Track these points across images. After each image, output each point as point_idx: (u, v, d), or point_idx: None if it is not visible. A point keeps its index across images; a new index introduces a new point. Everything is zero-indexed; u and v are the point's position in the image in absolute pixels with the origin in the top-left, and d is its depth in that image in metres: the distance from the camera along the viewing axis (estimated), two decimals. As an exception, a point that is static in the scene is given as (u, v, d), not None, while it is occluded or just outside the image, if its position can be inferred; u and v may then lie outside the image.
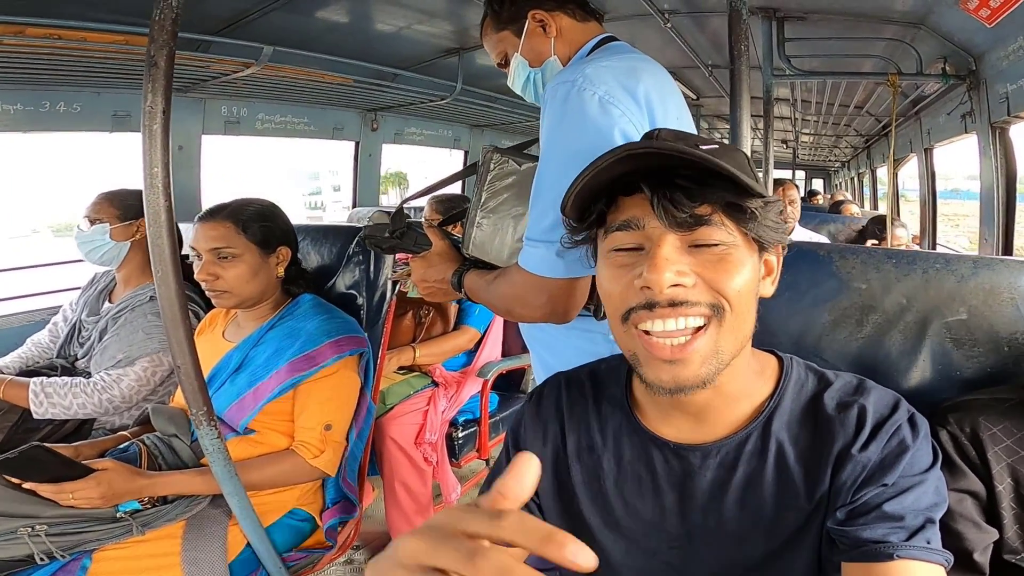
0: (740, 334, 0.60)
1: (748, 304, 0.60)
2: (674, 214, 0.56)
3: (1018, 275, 0.79)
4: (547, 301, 0.88)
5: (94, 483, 1.09)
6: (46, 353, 1.68)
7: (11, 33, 1.42)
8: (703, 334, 0.57)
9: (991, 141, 2.05)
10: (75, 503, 1.09)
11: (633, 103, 0.87)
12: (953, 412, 0.71)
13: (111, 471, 1.12)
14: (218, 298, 1.32)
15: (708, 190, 0.56)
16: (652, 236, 0.57)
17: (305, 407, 1.29)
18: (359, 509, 1.45)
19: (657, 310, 0.56)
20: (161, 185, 0.87)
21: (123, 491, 1.13)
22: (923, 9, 1.91)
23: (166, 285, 0.91)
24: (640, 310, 0.57)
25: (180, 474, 1.23)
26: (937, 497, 0.59)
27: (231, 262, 1.30)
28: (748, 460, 0.64)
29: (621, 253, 0.60)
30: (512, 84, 1.11)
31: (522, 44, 1.04)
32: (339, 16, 2.10)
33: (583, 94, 0.85)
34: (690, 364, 0.57)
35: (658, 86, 0.93)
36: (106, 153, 23.34)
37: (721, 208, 0.57)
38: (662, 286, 0.55)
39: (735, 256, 0.58)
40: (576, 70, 0.87)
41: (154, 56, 0.83)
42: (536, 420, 0.76)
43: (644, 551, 0.69)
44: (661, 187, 0.56)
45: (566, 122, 0.86)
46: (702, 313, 0.56)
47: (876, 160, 5.96)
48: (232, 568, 1.19)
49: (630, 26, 2.36)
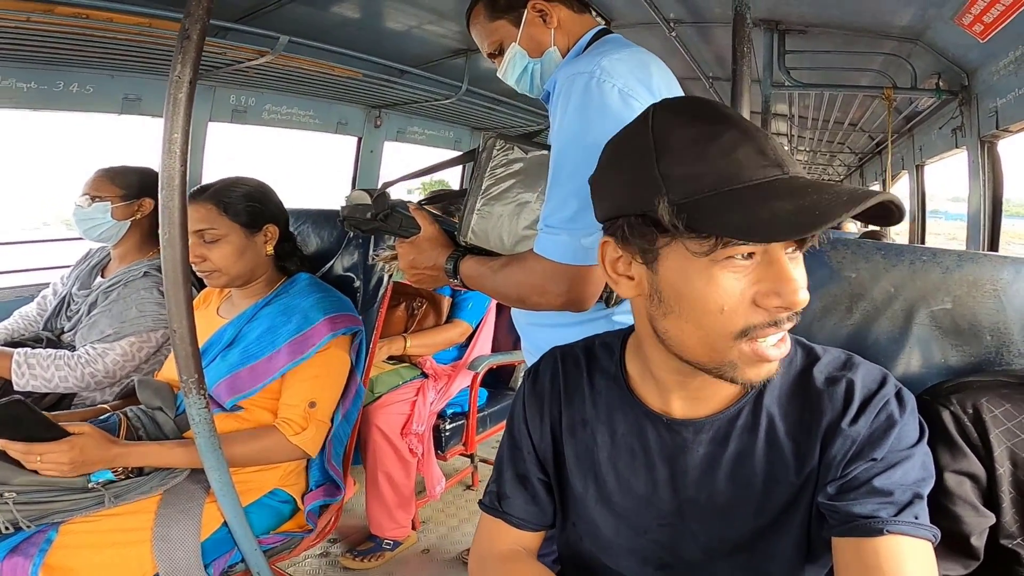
0: None
1: None
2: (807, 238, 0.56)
3: (1000, 268, 0.82)
4: (568, 289, 0.87)
5: (66, 447, 1.06)
6: (33, 326, 1.66)
7: (40, 11, 1.42)
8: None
9: (980, 155, 2.10)
10: (41, 467, 1.05)
11: (650, 96, 0.88)
12: (956, 393, 0.71)
13: (85, 436, 1.09)
14: (208, 278, 1.33)
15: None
16: (769, 249, 0.55)
17: (291, 383, 1.28)
18: (343, 494, 1.43)
19: (782, 325, 0.56)
20: (179, 150, 0.90)
21: (95, 458, 1.10)
22: (921, 24, 1.96)
23: (172, 247, 0.92)
24: (765, 327, 0.56)
25: (156, 445, 1.20)
26: (924, 472, 0.60)
27: (216, 243, 1.30)
28: (740, 435, 0.65)
29: (738, 264, 0.55)
30: (504, 74, 1.09)
31: (520, 34, 1.04)
32: (352, 11, 2.13)
33: (603, 85, 0.86)
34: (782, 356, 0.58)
35: (667, 81, 0.95)
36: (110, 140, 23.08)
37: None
38: (802, 304, 0.55)
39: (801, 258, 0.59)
40: (591, 61, 0.88)
41: (188, 29, 0.87)
42: (534, 396, 0.77)
43: (634, 529, 0.70)
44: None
45: (587, 112, 0.86)
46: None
47: (869, 178, 6.05)
48: (205, 547, 1.15)
49: (635, 34, 2.39)
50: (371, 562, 1.88)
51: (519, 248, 0.97)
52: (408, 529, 1.97)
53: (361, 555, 1.89)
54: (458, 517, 2.22)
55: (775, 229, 0.51)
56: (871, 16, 2.01)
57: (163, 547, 1.10)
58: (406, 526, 1.96)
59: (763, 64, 2.29)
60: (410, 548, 2.00)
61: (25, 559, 1.00)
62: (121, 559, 1.08)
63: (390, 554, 1.92)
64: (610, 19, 2.37)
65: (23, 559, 1.00)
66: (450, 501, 2.31)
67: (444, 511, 2.25)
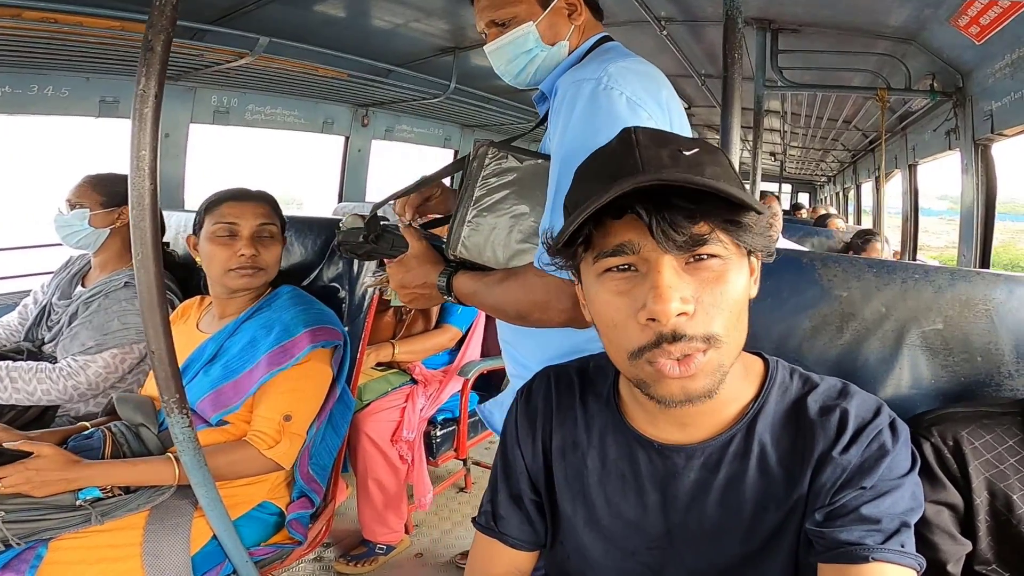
0: (737, 346, 0.60)
1: (743, 315, 0.60)
2: (674, 238, 0.54)
3: (993, 287, 0.81)
4: (573, 305, 0.81)
5: (21, 467, 1.05)
6: (14, 336, 1.63)
7: (8, 16, 1.41)
8: (703, 354, 0.56)
9: (974, 158, 2.10)
10: (2, 489, 1.05)
11: (657, 107, 0.86)
12: (937, 424, 0.72)
13: (42, 459, 1.07)
14: (250, 276, 1.30)
15: (705, 208, 0.54)
16: (649, 259, 0.56)
17: (267, 395, 1.26)
18: (323, 506, 1.42)
19: (664, 347, 0.55)
20: (148, 169, 0.86)
21: (53, 479, 1.07)
22: (916, 25, 1.94)
23: (146, 269, 0.89)
24: (650, 349, 0.56)
25: (122, 463, 1.17)
26: (913, 502, 0.59)
27: (272, 240, 1.33)
28: (731, 461, 0.65)
29: (615, 277, 0.58)
30: (500, 50, 1.01)
31: (544, 16, 0.98)
32: (336, 10, 2.09)
33: (611, 93, 0.83)
34: (697, 378, 0.56)
35: (671, 93, 0.92)
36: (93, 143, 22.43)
37: (719, 224, 0.56)
38: (669, 316, 0.54)
39: (731, 271, 0.57)
40: (597, 67, 0.85)
41: (151, 41, 0.82)
42: (526, 416, 0.76)
43: (623, 551, 0.70)
44: (658, 210, 0.54)
45: (594, 120, 0.83)
46: (700, 349, 0.56)
47: (862, 175, 6.06)
48: (195, 561, 1.15)
49: (626, 32, 2.37)
50: (365, 567, 1.88)
51: (514, 262, 0.93)
52: (401, 533, 1.97)
53: (355, 560, 1.89)
54: (451, 520, 2.22)
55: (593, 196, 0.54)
56: (865, 16, 1.99)
57: (153, 563, 1.10)
58: (399, 530, 1.95)
59: (755, 63, 2.28)
60: (404, 552, 1.99)
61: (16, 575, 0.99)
62: (113, 574, 1.07)
63: (384, 558, 1.92)
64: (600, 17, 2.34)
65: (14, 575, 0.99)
66: (443, 504, 2.31)
67: (437, 515, 2.24)
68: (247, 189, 1.38)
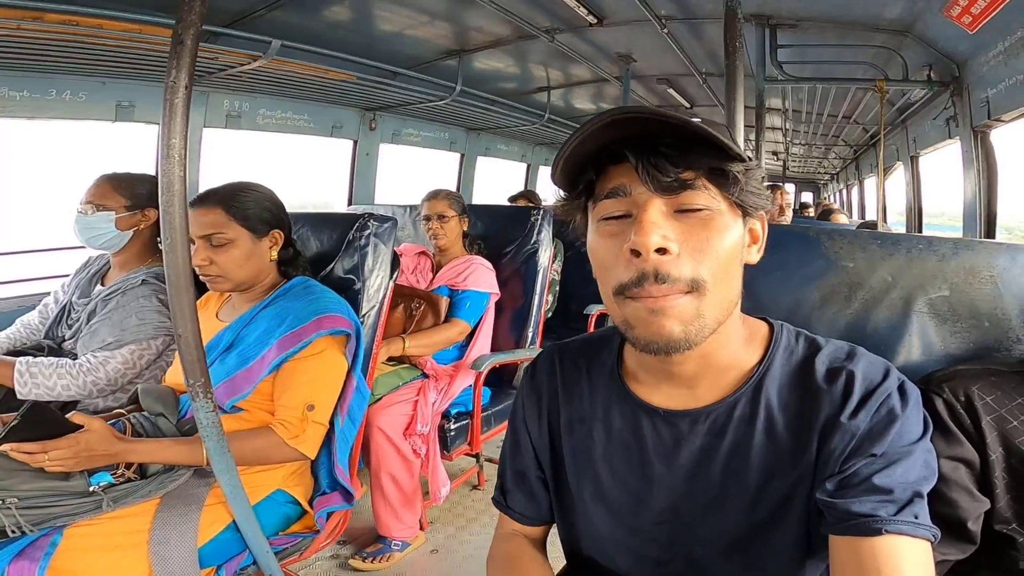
0: (725, 300, 0.59)
1: (733, 270, 0.60)
2: (659, 179, 0.56)
3: (996, 255, 0.82)
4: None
5: (72, 441, 1.07)
6: (35, 334, 1.65)
7: (30, 18, 1.43)
8: (683, 296, 0.57)
9: (973, 145, 2.12)
10: (47, 464, 1.06)
11: None
12: (948, 381, 0.72)
13: (90, 432, 1.10)
14: (212, 283, 1.32)
15: (691, 155, 0.57)
16: (639, 202, 0.58)
17: (288, 386, 1.28)
18: (355, 500, 1.42)
19: (647, 286, 0.56)
20: (178, 156, 0.90)
21: (99, 452, 1.10)
22: (910, 17, 1.98)
23: (174, 252, 0.92)
24: (632, 287, 0.57)
25: (160, 442, 1.20)
26: (926, 470, 0.58)
27: (224, 247, 1.30)
28: (737, 426, 0.64)
29: (611, 222, 0.60)
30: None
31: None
32: (344, 14, 2.14)
33: None
34: (672, 318, 0.56)
35: None
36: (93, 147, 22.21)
37: (705, 173, 0.58)
38: (649, 248, 0.55)
39: (719, 221, 0.58)
40: None
41: (181, 35, 0.87)
42: (531, 393, 0.78)
43: (630, 526, 0.69)
44: (645, 154, 0.57)
45: None
46: (682, 290, 0.56)
47: (864, 171, 6.07)
48: (206, 552, 1.15)
49: (628, 32, 2.41)
50: (380, 563, 1.88)
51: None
52: (416, 529, 1.97)
53: (370, 556, 1.89)
54: (465, 517, 2.22)
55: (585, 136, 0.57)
56: (861, 9, 2.02)
57: (159, 550, 1.10)
58: (414, 527, 1.95)
59: (755, 59, 2.31)
60: (419, 548, 1.99)
61: (31, 563, 1.00)
62: (124, 562, 1.08)
63: (399, 555, 1.92)
64: (602, 17, 2.38)
65: (29, 563, 1.00)
66: (457, 501, 2.31)
67: (451, 511, 2.25)
68: (205, 193, 1.34)
